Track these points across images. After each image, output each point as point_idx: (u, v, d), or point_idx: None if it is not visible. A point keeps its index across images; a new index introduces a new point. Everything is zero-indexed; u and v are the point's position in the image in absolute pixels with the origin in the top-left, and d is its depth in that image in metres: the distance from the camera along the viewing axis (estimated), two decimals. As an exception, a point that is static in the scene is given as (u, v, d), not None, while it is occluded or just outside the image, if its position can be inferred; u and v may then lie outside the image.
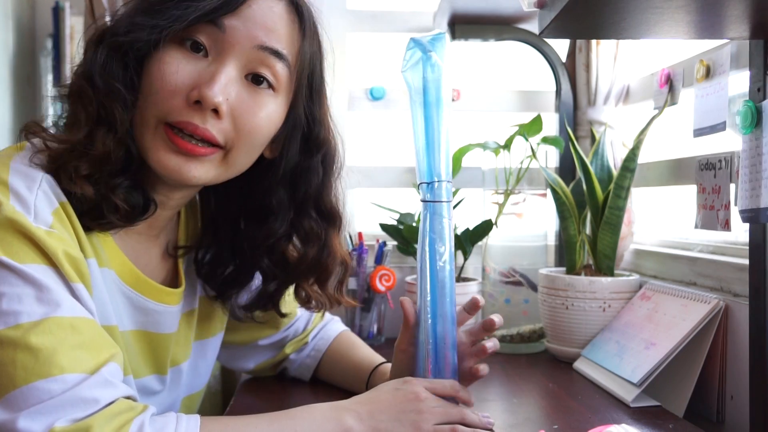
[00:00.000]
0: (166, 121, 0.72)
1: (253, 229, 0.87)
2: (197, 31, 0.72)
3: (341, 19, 1.55)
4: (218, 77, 0.71)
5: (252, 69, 0.75)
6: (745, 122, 0.84)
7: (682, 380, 1.01)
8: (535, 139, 1.34)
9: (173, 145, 0.72)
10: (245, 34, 0.73)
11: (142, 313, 0.82)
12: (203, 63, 0.73)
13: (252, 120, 0.75)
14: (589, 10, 0.71)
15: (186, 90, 0.72)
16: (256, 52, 0.74)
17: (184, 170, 0.73)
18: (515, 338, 1.35)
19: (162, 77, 0.72)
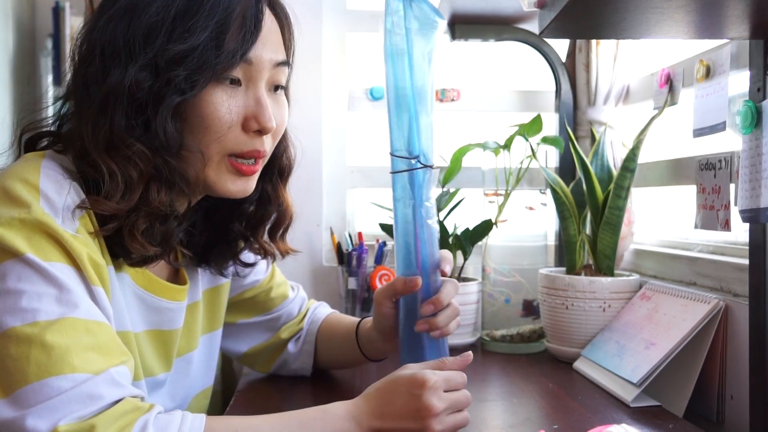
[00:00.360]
0: (232, 153, 0.79)
1: (225, 203, 0.91)
2: (230, 71, 0.78)
3: (341, 19, 1.55)
4: (264, 104, 0.80)
5: (273, 82, 0.84)
6: (745, 122, 0.85)
7: (682, 380, 1.01)
8: (535, 139, 1.34)
9: (239, 172, 0.81)
10: (266, 58, 0.81)
11: (154, 313, 0.85)
12: (240, 91, 0.80)
13: (283, 124, 0.86)
14: (589, 10, 0.71)
15: (239, 122, 0.79)
16: (274, 70, 0.83)
17: (247, 189, 0.83)
18: (515, 338, 1.35)
19: (218, 118, 0.77)
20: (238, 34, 0.77)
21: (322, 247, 1.52)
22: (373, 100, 1.55)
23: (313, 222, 1.52)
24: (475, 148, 1.44)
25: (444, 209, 1.43)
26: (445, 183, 1.50)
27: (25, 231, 0.68)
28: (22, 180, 0.70)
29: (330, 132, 1.55)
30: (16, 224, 0.68)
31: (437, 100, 1.57)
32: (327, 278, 1.52)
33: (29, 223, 0.68)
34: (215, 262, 0.95)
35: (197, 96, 0.76)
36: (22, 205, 0.69)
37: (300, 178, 1.51)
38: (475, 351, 1.35)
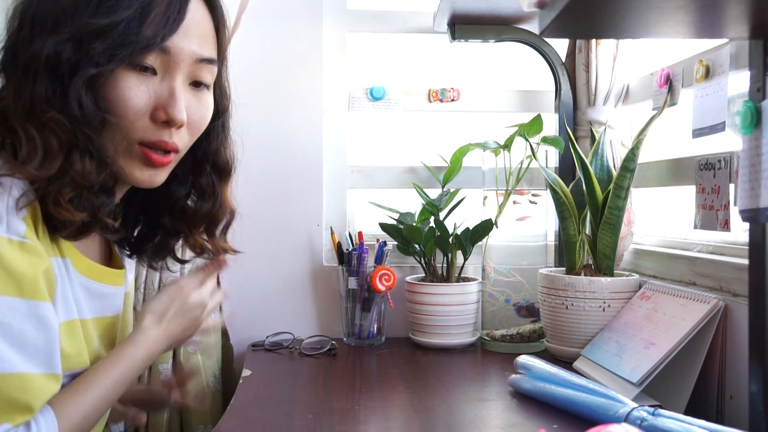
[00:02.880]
0: (141, 142, 0.78)
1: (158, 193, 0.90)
2: (146, 57, 0.77)
3: (341, 19, 1.55)
4: (177, 96, 0.78)
5: (194, 77, 0.82)
6: (744, 122, 0.85)
7: (681, 380, 1.01)
8: (535, 139, 1.34)
9: (148, 161, 0.80)
10: (186, 51, 0.79)
11: (97, 300, 0.85)
12: (154, 81, 0.78)
13: (201, 121, 0.84)
14: (589, 10, 0.71)
15: (148, 110, 0.78)
16: (196, 65, 0.81)
17: (155, 179, 0.82)
18: (515, 338, 1.35)
19: (125, 103, 0.76)
20: (160, 20, 0.76)
21: (322, 246, 1.52)
22: (373, 100, 1.55)
23: (313, 222, 1.53)
24: (475, 148, 1.45)
25: (444, 209, 1.43)
26: (445, 183, 1.50)
27: None
28: None
29: (330, 132, 1.55)
30: None
31: (437, 100, 1.57)
32: (327, 278, 1.52)
33: None
34: (148, 253, 0.97)
35: (110, 79, 0.75)
36: None
37: (300, 178, 1.52)
38: (475, 351, 1.36)
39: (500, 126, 1.43)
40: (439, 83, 1.58)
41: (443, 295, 1.35)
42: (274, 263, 1.51)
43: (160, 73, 0.78)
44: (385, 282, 1.37)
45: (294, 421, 0.91)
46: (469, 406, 0.99)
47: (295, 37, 1.52)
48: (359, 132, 1.62)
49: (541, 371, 1.01)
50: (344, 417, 0.93)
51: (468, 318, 1.37)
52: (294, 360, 1.28)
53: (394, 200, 1.51)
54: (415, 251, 1.41)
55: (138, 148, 0.79)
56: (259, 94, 1.50)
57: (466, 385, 1.11)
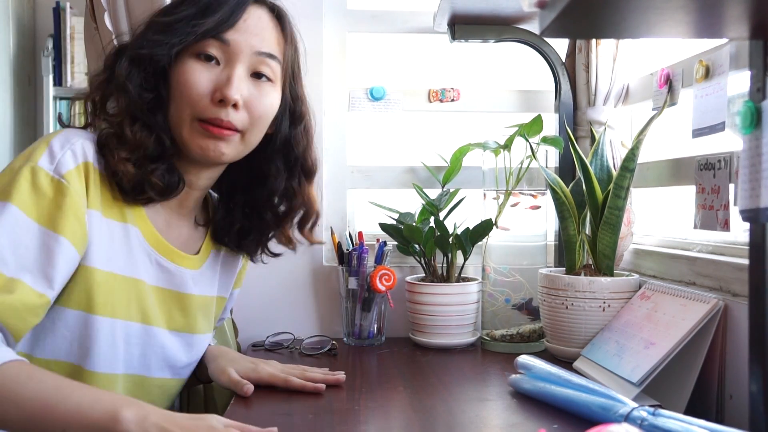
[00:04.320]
0: (199, 118, 0.93)
1: (258, 192, 1.08)
2: (207, 46, 0.93)
3: (341, 19, 1.55)
4: (232, 80, 0.92)
5: (254, 69, 0.96)
6: (744, 122, 0.85)
7: (681, 380, 1.01)
8: (535, 139, 1.34)
9: (208, 132, 0.93)
10: (245, 44, 0.95)
11: (164, 272, 0.99)
12: (217, 69, 0.94)
13: (260, 107, 0.97)
14: (589, 10, 0.71)
15: (209, 92, 0.92)
16: (256, 57, 0.96)
17: (217, 149, 0.94)
18: (515, 338, 1.35)
19: (188, 84, 0.92)
20: (220, 17, 0.93)
21: (322, 246, 1.52)
22: (373, 100, 1.55)
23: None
24: (475, 148, 1.45)
25: (444, 209, 1.43)
26: (445, 183, 1.50)
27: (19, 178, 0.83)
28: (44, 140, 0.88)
29: (330, 132, 1.55)
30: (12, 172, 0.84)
31: (437, 100, 1.57)
32: (327, 278, 1.52)
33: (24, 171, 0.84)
34: (248, 247, 1.12)
35: (178, 65, 0.93)
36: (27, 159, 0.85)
37: (300, 177, 1.52)
38: (475, 351, 1.36)
39: (500, 126, 1.43)
40: (439, 83, 1.58)
41: (443, 295, 1.35)
42: (275, 263, 1.50)
43: (223, 63, 0.94)
44: (385, 282, 1.37)
45: (294, 421, 0.91)
46: (469, 406, 0.99)
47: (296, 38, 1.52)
48: (359, 132, 1.62)
49: (541, 371, 1.01)
50: (344, 417, 0.93)
51: (468, 318, 1.37)
52: (294, 360, 1.28)
53: (394, 200, 1.51)
54: (415, 251, 1.41)
55: (198, 124, 0.93)
56: (259, 94, 1.50)
57: (466, 385, 1.11)
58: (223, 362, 1.07)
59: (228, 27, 0.93)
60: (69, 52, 2.49)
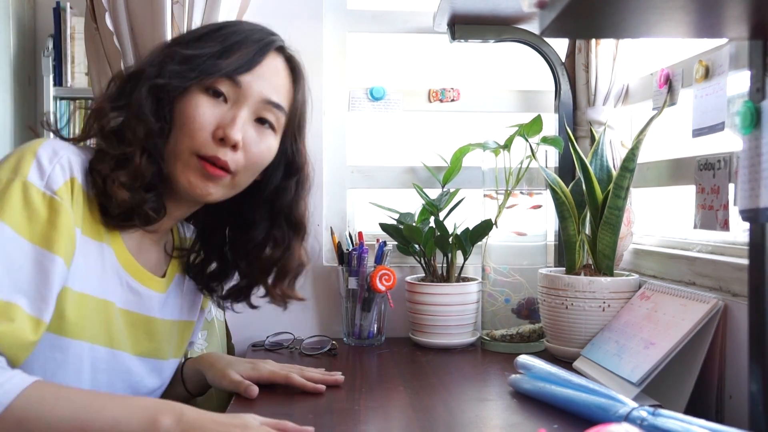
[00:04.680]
0: (198, 154, 0.91)
1: (238, 237, 1.07)
2: (219, 83, 0.92)
3: (341, 19, 1.55)
4: (237, 121, 0.92)
5: (259, 114, 0.96)
6: (744, 122, 0.85)
7: (681, 380, 1.01)
8: (535, 139, 1.34)
9: (203, 170, 0.91)
10: (257, 90, 0.94)
11: (133, 294, 0.96)
12: (224, 107, 0.93)
13: (257, 153, 0.96)
14: (589, 10, 0.71)
15: (211, 128, 0.91)
16: (263, 104, 0.95)
17: (206, 188, 0.93)
18: (515, 338, 1.35)
19: (194, 117, 0.91)
20: (238, 58, 0.93)
21: (322, 246, 1.52)
22: (373, 100, 1.55)
23: (314, 222, 1.52)
24: (475, 148, 1.45)
25: (444, 209, 1.43)
26: (445, 183, 1.50)
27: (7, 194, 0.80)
28: (28, 150, 0.84)
29: (330, 132, 1.55)
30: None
31: (437, 100, 1.57)
32: (327, 278, 1.52)
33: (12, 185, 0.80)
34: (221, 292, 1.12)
35: (185, 96, 0.91)
36: (15, 172, 0.81)
37: (300, 177, 1.52)
38: (475, 351, 1.36)
39: (500, 126, 1.43)
40: (439, 83, 1.58)
41: (443, 295, 1.35)
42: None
43: (231, 102, 0.93)
44: (385, 282, 1.37)
45: (294, 421, 0.91)
46: (469, 406, 0.99)
47: (295, 37, 1.51)
48: (359, 132, 1.62)
49: (541, 371, 1.01)
50: (344, 417, 0.93)
51: (468, 318, 1.37)
52: (294, 360, 1.28)
53: (394, 200, 1.51)
54: (415, 251, 1.41)
55: (196, 159, 0.91)
56: (259, 94, 1.50)
57: (466, 385, 1.11)
58: (221, 366, 1.07)
59: (246, 70, 0.93)
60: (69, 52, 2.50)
